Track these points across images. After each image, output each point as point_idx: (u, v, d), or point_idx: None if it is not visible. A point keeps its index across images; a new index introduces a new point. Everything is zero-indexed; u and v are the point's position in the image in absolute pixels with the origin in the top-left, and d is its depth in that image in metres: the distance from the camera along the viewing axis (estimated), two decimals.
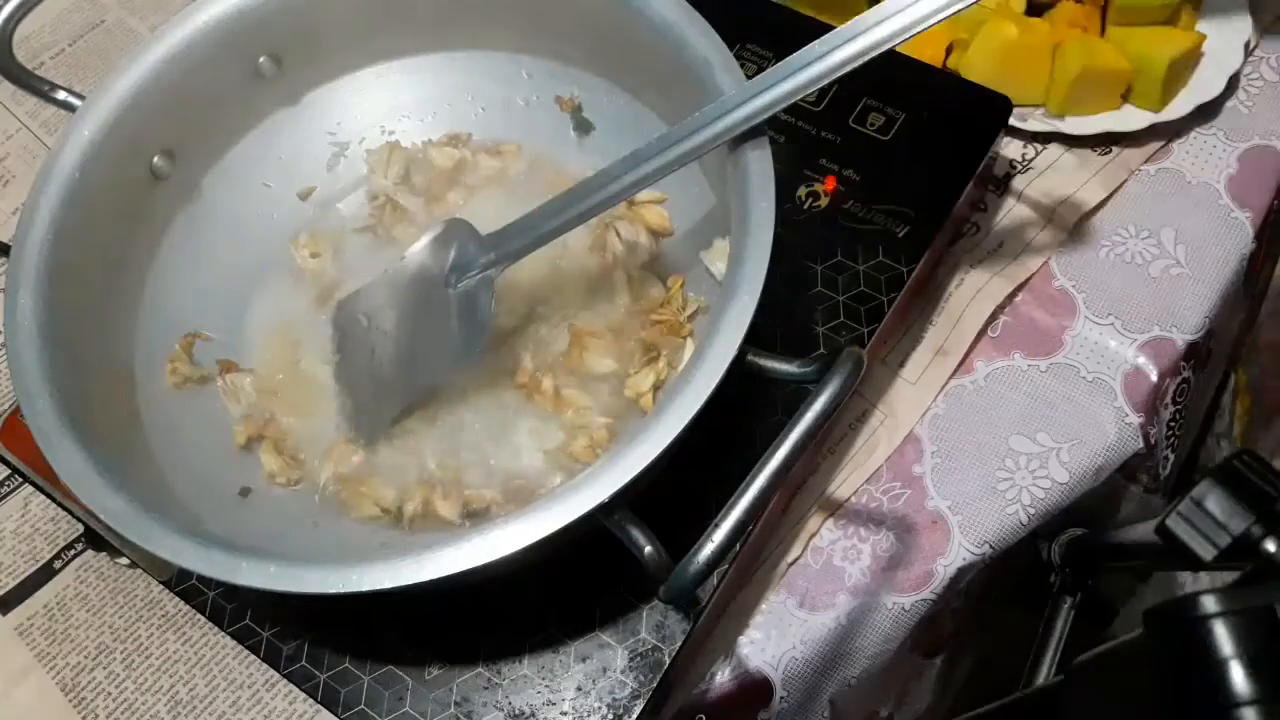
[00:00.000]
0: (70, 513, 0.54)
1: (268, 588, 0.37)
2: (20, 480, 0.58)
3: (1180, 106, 0.63)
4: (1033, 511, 0.55)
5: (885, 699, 0.60)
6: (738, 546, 0.47)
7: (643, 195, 0.53)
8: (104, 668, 0.52)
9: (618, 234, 0.53)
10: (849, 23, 0.41)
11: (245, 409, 0.51)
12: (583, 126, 0.56)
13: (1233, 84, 0.65)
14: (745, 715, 0.52)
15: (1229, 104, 0.66)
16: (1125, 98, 0.64)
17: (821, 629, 0.53)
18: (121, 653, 0.52)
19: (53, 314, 0.44)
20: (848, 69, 0.41)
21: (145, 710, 0.51)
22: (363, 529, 0.48)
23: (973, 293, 0.60)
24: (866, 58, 0.41)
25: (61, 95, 0.52)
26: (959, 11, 0.39)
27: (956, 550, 0.54)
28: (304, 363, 0.53)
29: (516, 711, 0.46)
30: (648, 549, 0.37)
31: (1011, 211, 0.63)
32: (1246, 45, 0.65)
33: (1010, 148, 0.65)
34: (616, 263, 0.53)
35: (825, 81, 0.41)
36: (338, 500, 0.49)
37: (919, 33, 0.40)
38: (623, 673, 0.46)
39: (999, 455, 0.56)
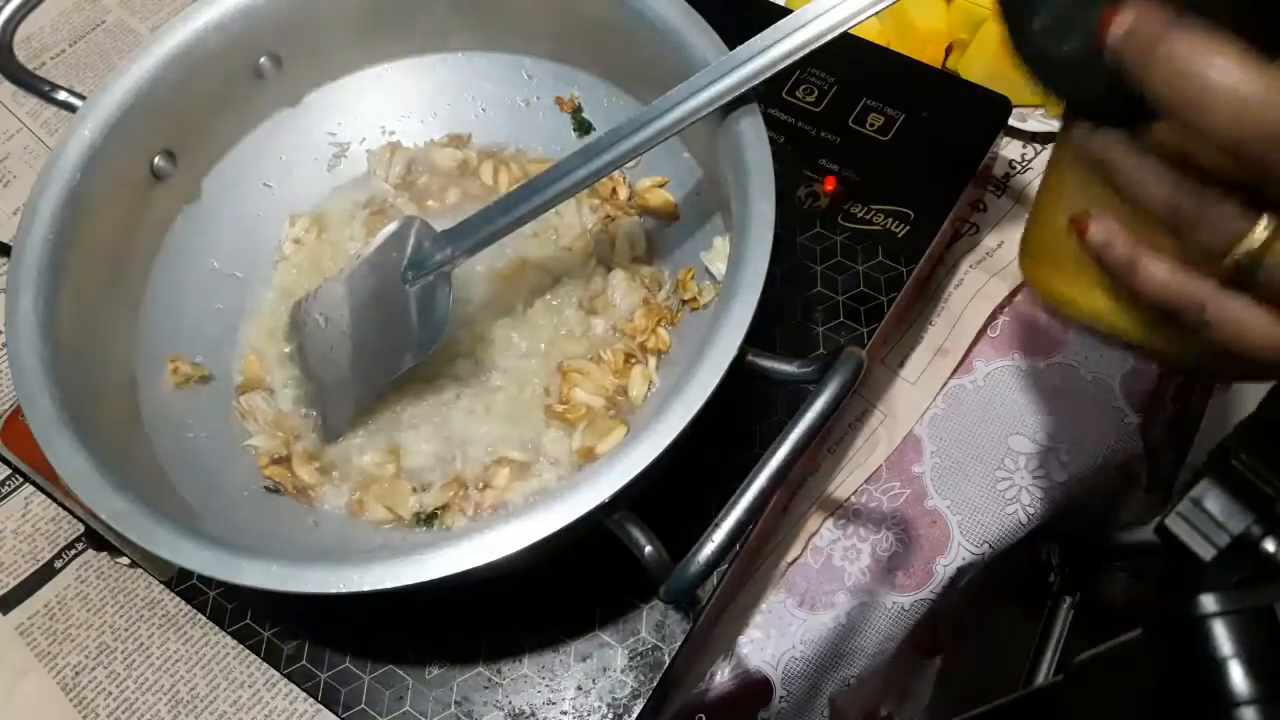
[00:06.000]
0: (71, 512, 0.54)
1: (268, 588, 0.37)
2: (21, 480, 0.58)
3: None
4: (1032, 511, 0.55)
5: (885, 698, 0.60)
6: (738, 546, 0.47)
7: (644, 180, 0.54)
8: (105, 667, 0.52)
9: (616, 224, 0.53)
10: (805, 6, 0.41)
11: (265, 426, 0.51)
12: (583, 127, 0.56)
13: None
14: (745, 714, 0.52)
15: None
16: None
17: (821, 628, 0.53)
18: (122, 652, 0.52)
19: (53, 314, 0.44)
20: (812, 48, 0.41)
21: (146, 709, 0.51)
22: (363, 529, 0.48)
23: (972, 293, 0.60)
24: (829, 37, 0.41)
25: (62, 96, 0.52)
26: None
27: (956, 550, 0.54)
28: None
29: (517, 711, 0.46)
30: (648, 549, 0.38)
31: (1011, 211, 0.63)
32: None
33: (1010, 148, 0.65)
34: (614, 255, 0.53)
35: (792, 60, 0.42)
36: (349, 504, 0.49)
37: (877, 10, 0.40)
38: (623, 672, 0.46)
39: (999, 455, 0.56)
